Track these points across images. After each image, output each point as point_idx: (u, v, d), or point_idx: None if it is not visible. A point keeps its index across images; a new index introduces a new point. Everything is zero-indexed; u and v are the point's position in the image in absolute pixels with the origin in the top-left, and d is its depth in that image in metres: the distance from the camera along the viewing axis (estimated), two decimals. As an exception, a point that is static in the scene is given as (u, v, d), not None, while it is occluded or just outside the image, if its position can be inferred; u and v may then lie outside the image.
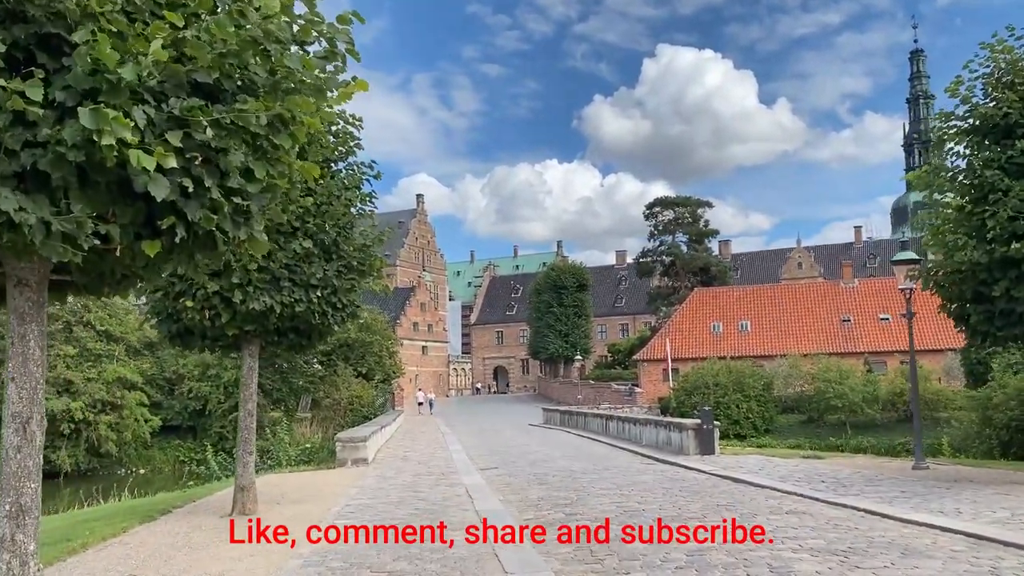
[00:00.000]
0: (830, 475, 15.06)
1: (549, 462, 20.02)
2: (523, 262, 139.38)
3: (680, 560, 8.11)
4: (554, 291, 74.85)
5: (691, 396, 42.24)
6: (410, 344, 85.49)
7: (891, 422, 40.57)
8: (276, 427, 26.50)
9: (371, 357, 56.15)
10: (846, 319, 54.76)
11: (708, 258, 72.13)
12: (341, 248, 11.41)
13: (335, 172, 11.75)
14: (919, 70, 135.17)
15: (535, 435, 31.96)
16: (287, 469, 20.85)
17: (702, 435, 20.28)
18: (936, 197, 13.21)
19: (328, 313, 11.25)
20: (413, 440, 29.35)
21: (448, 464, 19.69)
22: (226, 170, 4.87)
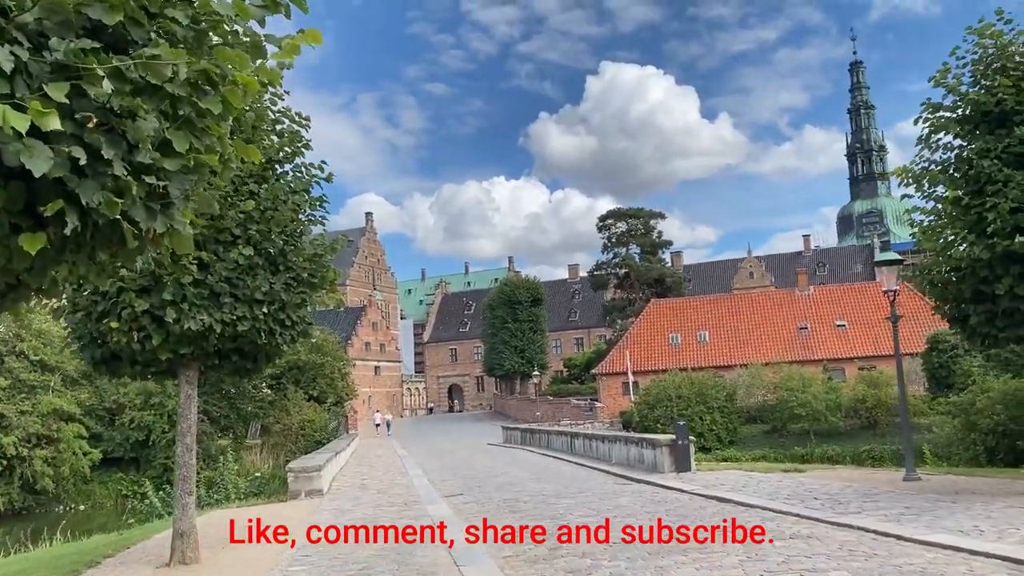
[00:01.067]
0: (820, 491, 14.17)
1: (518, 485, 18.85)
2: (475, 279, 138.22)
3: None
4: (508, 306, 73.80)
5: (654, 409, 41.48)
6: (362, 364, 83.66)
7: (855, 429, 40.29)
8: (224, 456, 24.86)
9: (322, 379, 54.37)
10: (803, 327, 54.70)
11: (662, 269, 71.86)
12: (289, 258, 10.17)
13: (280, 174, 10.53)
14: (859, 81, 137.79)
15: (497, 455, 30.74)
16: (235, 503, 19.33)
17: (677, 451, 19.31)
18: (927, 191, 12.42)
19: (276, 332, 9.99)
20: (370, 466, 27.91)
21: (410, 492, 18.39)
22: (135, 141, 3.68)
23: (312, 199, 10.58)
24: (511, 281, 78.33)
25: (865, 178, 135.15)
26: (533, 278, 78.43)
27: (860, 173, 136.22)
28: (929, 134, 12.49)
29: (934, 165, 12.49)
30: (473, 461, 28.18)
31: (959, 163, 12.04)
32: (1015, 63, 11.69)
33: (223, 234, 9.47)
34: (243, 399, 49.34)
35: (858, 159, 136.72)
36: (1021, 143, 11.16)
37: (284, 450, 49.24)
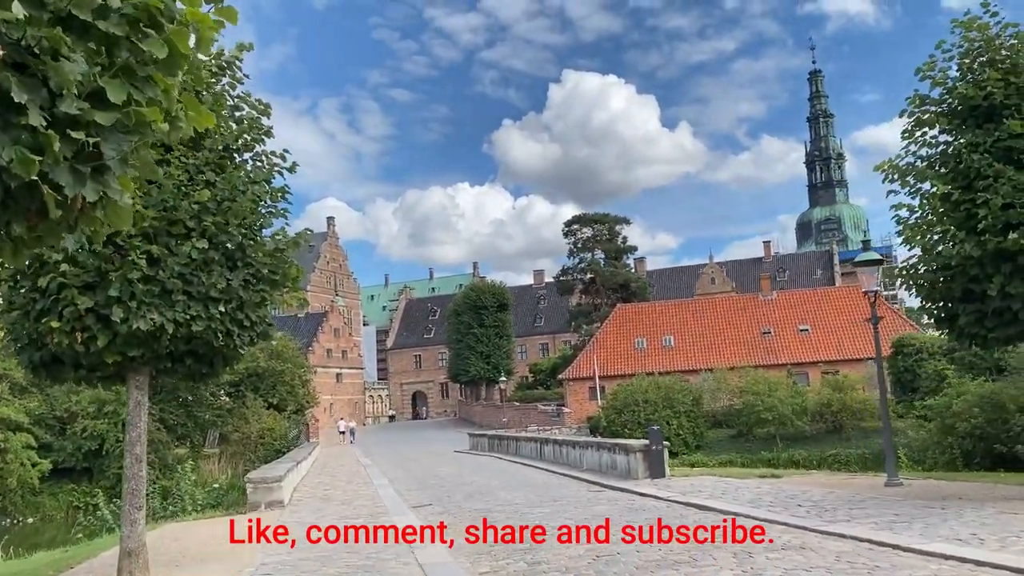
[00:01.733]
0: (802, 497, 13.75)
1: (488, 494, 18.19)
2: (439, 284, 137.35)
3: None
4: (474, 312, 73.07)
5: (621, 414, 41.09)
6: (324, 372, 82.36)
7: (820, 433, 40.29)
8: (180, 466, 23.85)
9: (282, 386, 53.20)
10: (767, 331, 54.82)
11: (628, 274, 71.80)
12: (248, 253, 9.43)
13: (240, 163, 9.79)
14: (818, 90, 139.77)
15: (465, 463, 30.03)
16: (192, 516, 18.40)
17: (651, 457, 18.82)
18: (912, 187, 12.06)
19: (234, 332, 9.25)
20: (332, 475, 27.03)
21: (375, 503, 17.64)
22: (57, 87, 3.02)
23: (273, 190, 9.85)
24: (477, 286, 77.63)
25: (824, 185, 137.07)
26: (499, 283, 77.80)
27: (819, 180, 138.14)
28: (914, 128, 12.14)
29: (920, 160, 12.14)
30: (440, 469, 27.45)
31: (946, 158, 11.70)
32: (1002, 56, 11.38)
33: (176, 226, 8.71)
34: (200, 407, 48.00)
35: (817, 167, 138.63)
36: (1011, 137, 10.83)
37: (243, 459, 47.99)
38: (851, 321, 53.55)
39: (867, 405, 40.12)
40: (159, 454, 40.40)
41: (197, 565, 10.53)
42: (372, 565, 9.90)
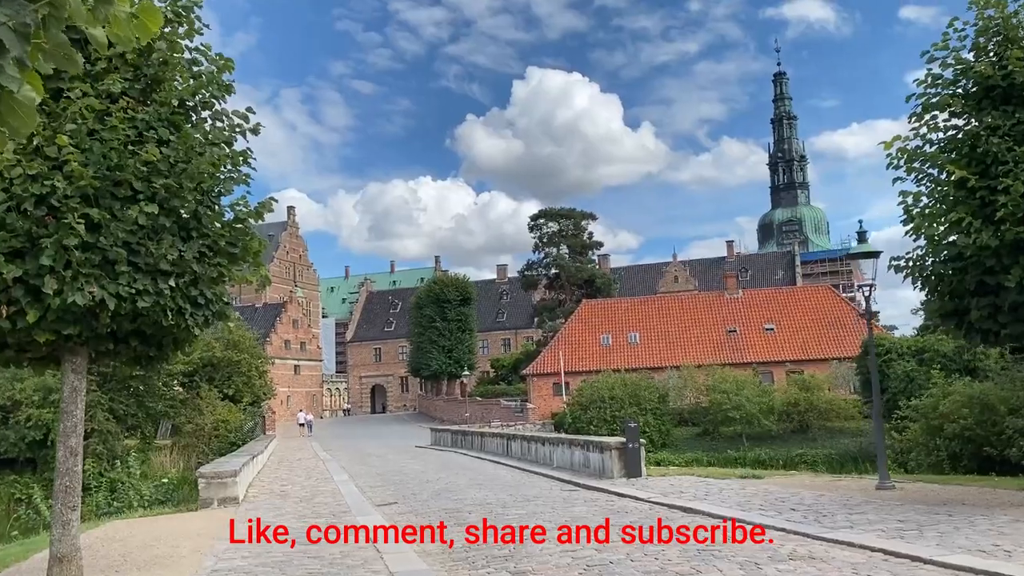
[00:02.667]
0: (793, 500, 13.02)
1: (457, 492, 17.24)
2: (400, 277, 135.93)
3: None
4: (437, 305, 71.87)
5: (586, 411, 40.44)
6: (281, 363, 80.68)
7: (786, 433, 40.00)
8: (126, 458, 22.51)
9: (238, 377, 51.54)
10: (732, 330, 54.58)
11: (593, 270, 71.20)
12: (204, 222, 8.36)
13: (197, 122, 8.70)
14: (782, 92, 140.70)
15: (428, 459, 29.02)
16: (139, 513, 17.17)
17: (627, 455, 18.01)
18: (922, 171, 11.36)
19: (185, 311, 8.16)
20: (290, 470, 25.85)
21: (337, 500, 16.58)
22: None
23: (235, 153, 8.75)
24: (440, 279, 76.43)
25: (786, 187, 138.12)
26: (463, 276, 76.63)
27: (781, 182, 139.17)
28: (923, 110, 11.43)
29: (929, 144, 11.44)
30: (403, 465, 26.42)
31: (957, 143, 11.01)
32: (1022, 36, 10.71)
33: (121, 188, 7.61)
34: (152, 397, 46.27)
35: (780, 168, 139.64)
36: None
37: (197, 452, 46.37)
38: (816, 321, 53.57)
39: (833, 405, 39.97)
40: (108, 445, 38.73)
41: (138, 572, 9.43)
42: (337, 574, 8.90)
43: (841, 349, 49.68)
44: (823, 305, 54.82)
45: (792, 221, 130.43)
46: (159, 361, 9.15)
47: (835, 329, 52.41)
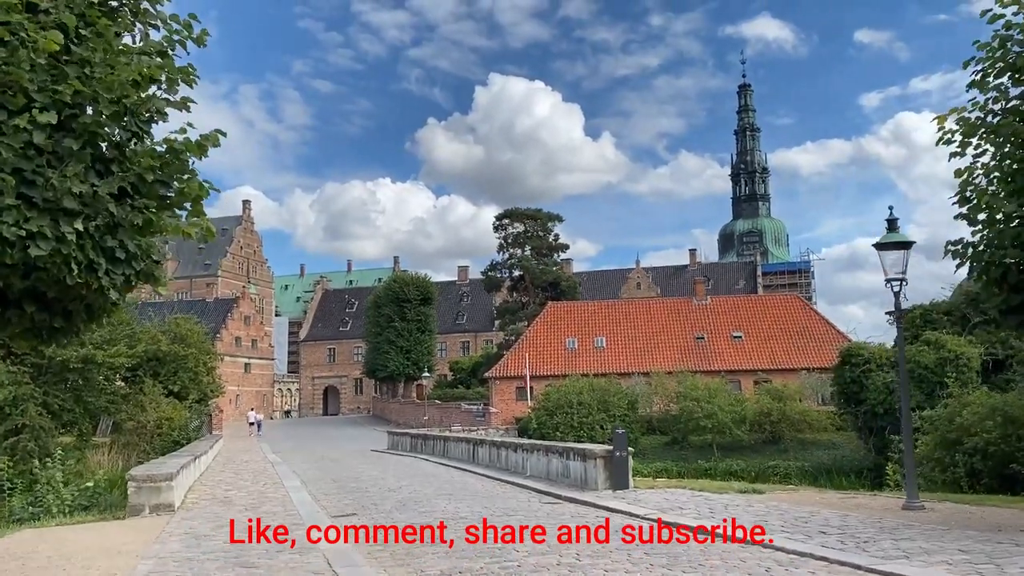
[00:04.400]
0: (816, 520, 11.40)
1: (424, 503, 15.34)
2: (357, 277, 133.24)
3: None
4: (396, 304, 69.60)
5: (553, 416, 38.73)
6: (231, 361, 77.74)
7: (757, 443, 38.73)
8: (49, 458, 20.12)
9: (185, 373, 48.74)
10: (700, 337, 53.37)
11: (558, 273, 69.61)
12: (128, 152, 6.42)
13: (122, 18, 6.72)
14: (746, 104, 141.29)
15: (387, 464, 27.01)
16: (56, 520, 14.95)
17: (614, 464, 16.28)
18: (988, 141, 9.81)
19: (99, 266, 6.19)
20: (236, 473, 23.66)
21: (287, 511, 14.55)
22: None
23: (172, 69, 6.82)
24: (400, 277, 74.14)
25: (748, 198, 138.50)
26: (424, 276, 74.46)
27: (743, 193, 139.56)
28: (985, 76, 9.90)
29: (992, 115, 9.91)
30: (360, 471, 24.37)
31: None
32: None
33: (9, 93, 5.64)
34: (92, 391, 43.46)
35: (742, 179, 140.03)
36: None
37: (137, 451, 43.61)
38: (784, 330, 52.62)
39: (806, 416, 38.84)
40: (40, 442, 35.99)
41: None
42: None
43: (810, 359, 48.75)
44: (791, 314, 53.91)
45: (753, 232, 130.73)
46: (66, 335, 7.13)
47: (804, 339, 51.49)
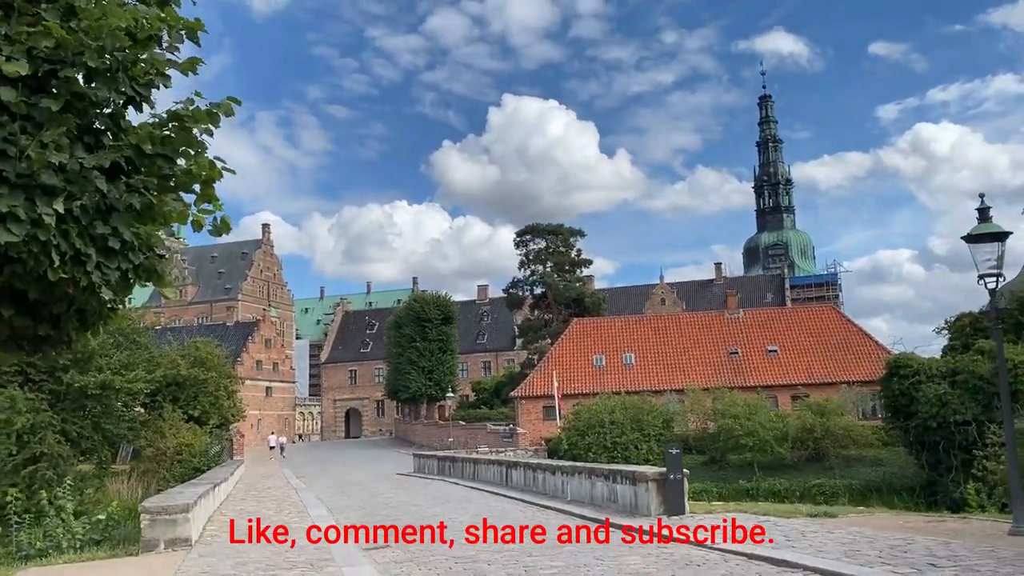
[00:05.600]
0: (916, 550, 9.98)
1: (462, 533, 14.03)
2: (377, 299, 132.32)
3: None
4: (417, 324, 68.36)
5: (584, 436, 37.26)
6: (252, 384, 76.75)
7: (800, 462, 37.02)
8: (64, 486, 18.97)
9: (205, 397, 47.80)
10: (734, 351, 51.71)
11: (582, 289, 68.21)
12: (122, 122, 5.26)
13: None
14: (767, 115, 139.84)
15: (416, 488, 25.68)
16: (64, 557, 13.76)
17: (668, 488, 14.91)
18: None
19: (87, 258, 5.01)
20: (258, 501, 22.43)
21: (315, 544, 13.29)
22: None
23: (176, 21, 5.66)
24: (421, 297, 72.96)
25: (771, 211, 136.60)
26: (444, 295, 73.28)
27: (767, 206, 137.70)
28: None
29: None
30: (388, 496, 23.09)
31: None
32: None
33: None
34: (110, 417, 42.53)
35: (765, 192, 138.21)
36: None
37: (157, 478, 42.66)
38: (821, 343, 50.89)
39: (850, 431, 37.15)
40: (58, 470, 35.08)
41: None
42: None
43: (849, 372, 47.01)
44: (827, 326, 52.17)
45: (778, 245, 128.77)
46: (54, 345, 5.92)
47: (841, 351, 49.73)
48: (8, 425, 38.21)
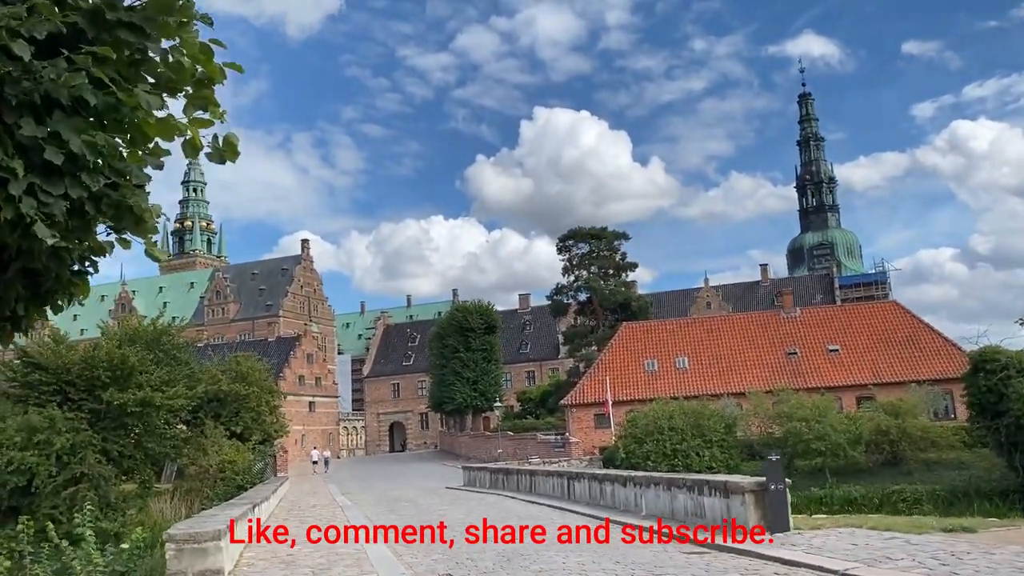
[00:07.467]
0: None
1: (530, 556, 12.18)
2: (417, 311, 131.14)
3: None
4: (460, 334, 66.68)
5: (642, 444, 35.18)
6: (295, 400, 75.70)
7: (875, 466, 34.53)
8: (84, 510, 17.40)
9: (247, 413, 46.55)
10: (792, 352, 49.20)
11: (628, 293, 66.06)
12: (109, 16, 3.58)
13: None
14: (808, 113, 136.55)
15: (470, 504, 23.87)
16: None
17: (769, 500, 12.93)
18: None
19: (13, 171, 3.33)
20: (302, 521, 20.77)
21: (364, 571, 11.54)
22: None
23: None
24: (463, 306, 71.28)
25: (815, 210, 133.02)
26: (487, 303, 71.51)
27: (810, 205, 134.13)
28: None
29: None
30: (440, 512, 21.29)
31: None
32: None
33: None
34: (151, 436, 41.47)
35: (808, 191, 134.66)
36: None
37: (200, 496, 41.47)
38: (885, 341, 48.18)
39: (928, 433, 34.58)
40: (100, 491, 33.93)
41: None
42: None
43: (918, 371, 44.28)
44: (891, 323, 49.43)
45: (824, 244, 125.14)
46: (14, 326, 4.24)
47: (909, 349, 46.99)
48: (48, 446, 37.03)
